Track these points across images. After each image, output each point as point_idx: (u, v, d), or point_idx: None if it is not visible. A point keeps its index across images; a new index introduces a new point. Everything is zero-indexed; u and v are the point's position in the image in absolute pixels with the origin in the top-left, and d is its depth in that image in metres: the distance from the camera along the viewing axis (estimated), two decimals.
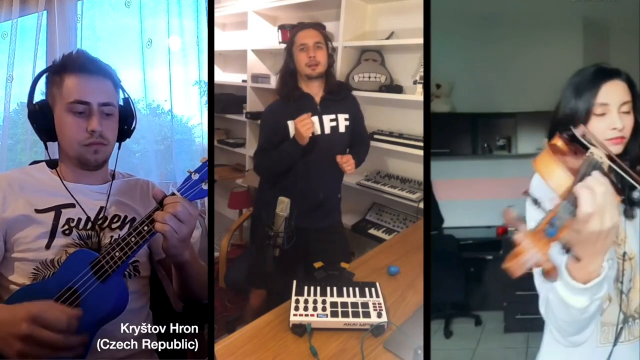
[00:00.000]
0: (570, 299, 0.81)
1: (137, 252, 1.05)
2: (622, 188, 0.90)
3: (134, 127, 1.26)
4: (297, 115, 1.77)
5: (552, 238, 0.72)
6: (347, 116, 1.87)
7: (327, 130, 1.82)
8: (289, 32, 2.83)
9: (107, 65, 1.21)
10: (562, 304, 0.83)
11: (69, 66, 1.15)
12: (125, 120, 1.23)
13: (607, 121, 0.94)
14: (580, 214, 0.73)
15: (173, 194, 1.05)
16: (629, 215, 0.95)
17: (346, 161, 1.79)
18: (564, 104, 0.98)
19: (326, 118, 1.82)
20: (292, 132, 1.78)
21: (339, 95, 1.86)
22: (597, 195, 0.73)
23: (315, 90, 1.83)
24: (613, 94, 0.94)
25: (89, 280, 1.03)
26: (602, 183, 0.74)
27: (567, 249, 0.74)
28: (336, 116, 1.84)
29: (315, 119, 1.80)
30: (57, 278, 1.06)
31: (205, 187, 1.04)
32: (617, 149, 0.94)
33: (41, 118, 1.16)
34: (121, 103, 1.23)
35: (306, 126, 1.70)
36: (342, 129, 1.85)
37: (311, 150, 1.77)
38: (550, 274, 0.73)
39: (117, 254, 1.03)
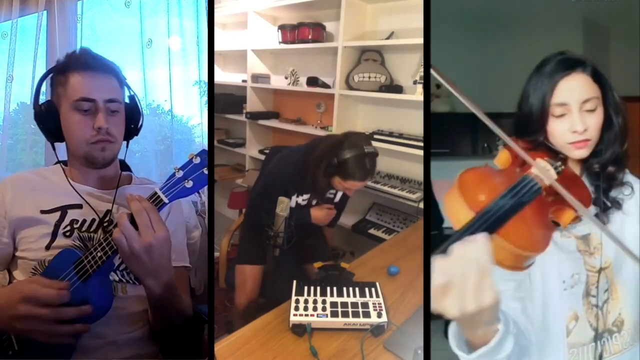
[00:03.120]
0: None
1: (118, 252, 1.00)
2: (597, 191, 0.83)
3: (141, 124, 1.25)
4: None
5: None
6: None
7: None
8: (289, 33, 2.84)
9: (111, 62, 1.20)
10: None
11: (72, 64, 1.14)
12: (132, 118, 1.22)
13: (567, 123, 0.83)
14: (432, 287, 0.59)
15: (155, 192, 1.00)
16: (601, 220, 0.85)
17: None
18: (523, 103, 0.87)
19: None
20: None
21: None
22: (455, 271, 0.57)
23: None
24: (573, 91, 0.82)
25: (71, 279, 1.01)
26: (471, 253, 0.58)
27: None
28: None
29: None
30: (43, 277, 1.03)
31: (188, 185, 1.00)
32: (581, 153, 0.84)
33: (48, 119, 1.15)
34: (127, 101, 1.23)
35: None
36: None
37: None
38: None
39: (98, 253, 1.00)
